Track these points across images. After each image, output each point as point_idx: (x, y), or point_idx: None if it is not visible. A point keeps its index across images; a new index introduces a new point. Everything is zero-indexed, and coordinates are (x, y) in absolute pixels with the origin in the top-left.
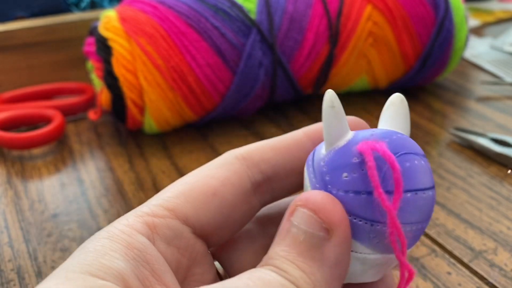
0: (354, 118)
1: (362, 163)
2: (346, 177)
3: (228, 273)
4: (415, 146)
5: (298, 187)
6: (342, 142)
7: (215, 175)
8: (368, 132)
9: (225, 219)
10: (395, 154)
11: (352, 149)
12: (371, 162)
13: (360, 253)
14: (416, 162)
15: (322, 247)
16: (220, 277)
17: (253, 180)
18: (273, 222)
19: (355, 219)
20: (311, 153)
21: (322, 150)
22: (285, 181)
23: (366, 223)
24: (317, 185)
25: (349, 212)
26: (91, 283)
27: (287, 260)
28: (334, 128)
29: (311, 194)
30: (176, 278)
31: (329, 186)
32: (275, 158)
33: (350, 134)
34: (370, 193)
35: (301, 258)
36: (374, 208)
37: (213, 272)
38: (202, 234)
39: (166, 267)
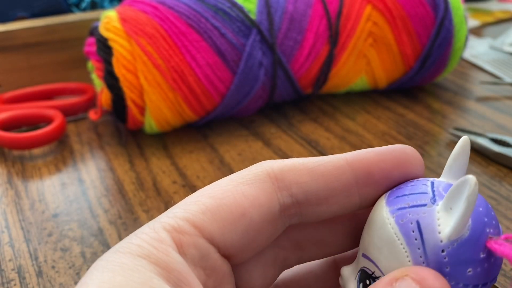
0: (400, 150)
1: (487, 258)
2: (470, 272)
3: (236, 286)
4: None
5: (329, 216)
6: (466, 231)
7: (245, 193)
8: (482, 213)
9: (250, 241)
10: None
11: (480, 243)
12: None
13: None
14: None
15: None
16: None
17: (281, 203)
18: (284, 232)
19: None
20: (411, 221)
21: (438, 234)
22: (315, 208)
23: None
24: (425, 264)
25: None
26: None
27: None
28: (467, 219)
29: (430, 275)
30: None
31: (447, 278)
32: (309, 184)
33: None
34: (485, 284)
35: None
36: None
37: None
38: (226, 254)
39: None
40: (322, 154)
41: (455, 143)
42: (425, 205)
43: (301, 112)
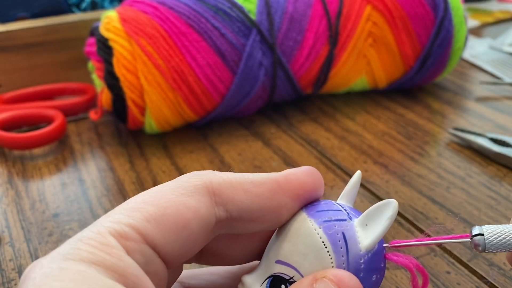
0: (307, 172)
1: (383, 267)
2: (373, 278)
3: None
4: None
5: (255, 231)
6: (375, 246)
7: (187, 205)
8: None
9: (187, 250)
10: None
11: (382, 254)
12: (415, 283)
13: None
14: None
15: None
16: None
17: (217, 216)
18: None
19: None
20: (338, 232)
21: (358, 245)
22: (247, 225)
23: None
24: (345, 269)
25: None
26: None
27: None
28: (384, 234)
29: (346, 276)
30: None
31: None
32: (245, 203)
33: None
34: None
35: None
36: None
37: None
38: (164, 260)
39: None
40: (322, 154)
41: (455, 143)
42: (345, 220)
43: (301, 112)
